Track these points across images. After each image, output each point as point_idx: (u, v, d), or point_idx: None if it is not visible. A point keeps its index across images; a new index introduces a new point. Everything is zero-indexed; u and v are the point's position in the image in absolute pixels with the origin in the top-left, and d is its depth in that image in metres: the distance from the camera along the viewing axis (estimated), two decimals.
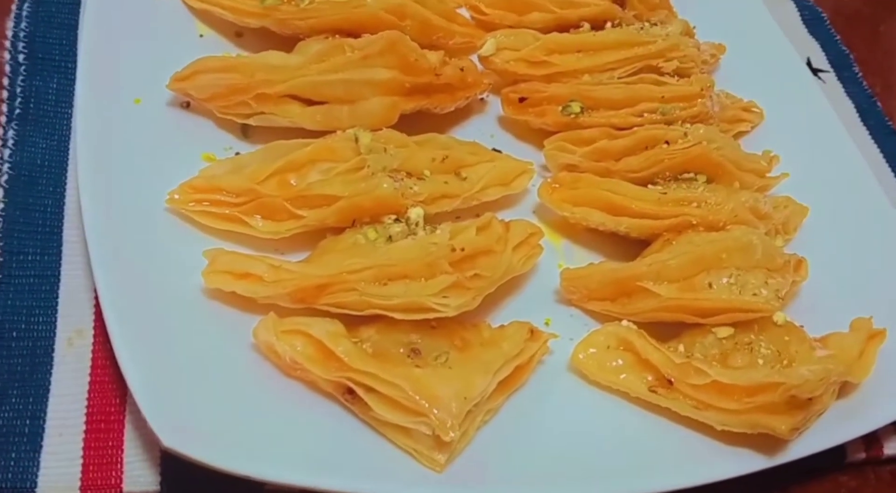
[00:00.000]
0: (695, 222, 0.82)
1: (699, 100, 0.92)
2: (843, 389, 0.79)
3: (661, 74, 0.94)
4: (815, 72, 1.21)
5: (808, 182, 0.97)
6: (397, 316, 0.71)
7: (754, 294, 0.77)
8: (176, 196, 0.78)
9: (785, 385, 0.70)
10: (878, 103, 1.19)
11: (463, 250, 0.73)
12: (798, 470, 0.77)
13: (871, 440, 0.83)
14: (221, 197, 0.78)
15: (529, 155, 0.94)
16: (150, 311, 0.72)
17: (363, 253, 0.73)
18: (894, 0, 1.42)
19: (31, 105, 0.87)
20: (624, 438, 0.76)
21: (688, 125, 0.90)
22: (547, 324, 0.83)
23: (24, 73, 0.89)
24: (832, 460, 0.81)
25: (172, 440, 0.62)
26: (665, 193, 0.84)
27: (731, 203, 0.82)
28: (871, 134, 1.15)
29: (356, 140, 0.79)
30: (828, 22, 1.29)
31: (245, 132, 0.88)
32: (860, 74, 1.22)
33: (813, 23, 1.28)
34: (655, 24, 0.99)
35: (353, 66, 0.82)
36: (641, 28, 0.97)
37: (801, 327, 0.80)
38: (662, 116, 0.91)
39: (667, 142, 0.87)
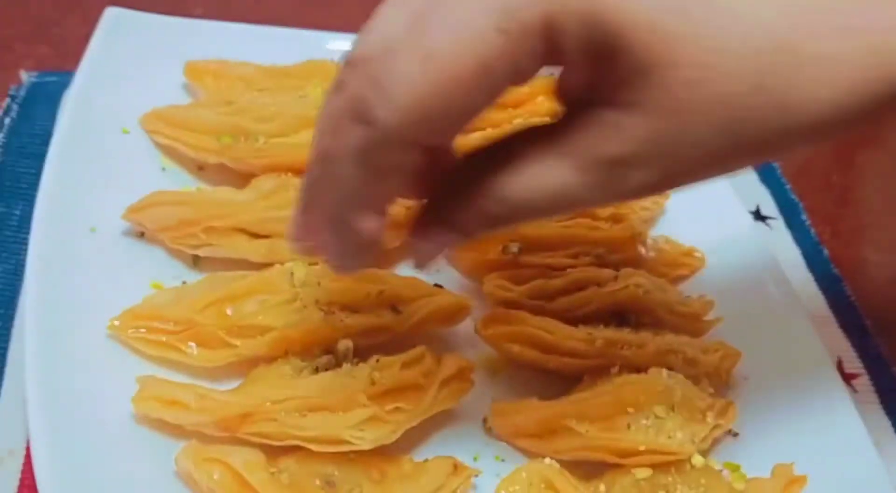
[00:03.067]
0: (618, 363, 0.84)
1: (632, 244, 0.96)
2: None
3: (596, 219, 0.98)
4: (764, 218, 1.25)
5: (746, 328, 1.00)
6: (314, 448, 0.73)
7: (669, 437, 0.78)
8: (116, 323, 0.81)
9: None
10: (825, 250, 1.23)
11: (384, 384, 0.75)
12: None
13: None
14: (160, 325, 0.81)
15: (472, 291, 0.97)
16: (79, 435, 0.73)
17: (287, 384, 0.76)
18: (847, 152, 1.48)
19: None
20: None
21: (622, 270, 0.93)
22: (475, 460, 0.84)
23: None
24: None
25: None
26: (591, 334, 0.86)
27: (653, 346, 0.85)
28: (816, 280, 1.18)
29: (292, 274, 0.82)
30: (779, 171, 1.35)
31: (195, 262, 0.92)
32: (808, 222, 1.27)
33: (764, 172, 1.33)
34: None
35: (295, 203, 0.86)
36: None
37: (723, 471, 0.82)
38: (596, 259, 0.94)
39: (598, 284, 0.91)
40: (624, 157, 0.55)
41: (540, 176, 0.57)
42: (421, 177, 0.62)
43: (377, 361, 0.79)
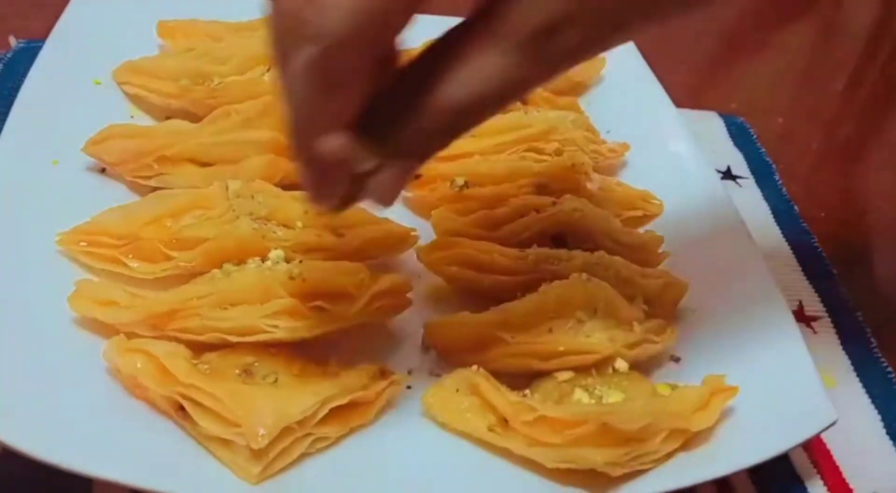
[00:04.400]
0: (548, 279, 0.86)
1: (574, 176, 0.97)
2: (692, 443, 0.80)
3: (542, 154, 1.00)
4: (734, 177, 1.26)
5: (698, 267, 1.00)
6: (232, 339, 0.75)
7: (587, 336, 0.79)
8: (64, 237, 0.85)
9: (598, 412, 0.71)
10: (796, 207, 1.22)
11: (304, 280, 0.78)
12: None
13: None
14: (105, 239, 0.85)
15: (424, 231, 1.00)
16: (16, 335, 0.77)
17: (213, 283, 0.79)
18: (832, 123, 1.48)
19: None
20: (461, 479, 0.77)
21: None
22: (409, 374, 0.86)
23: None
24: None
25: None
26: (524, 251, 0.88)
27: (581, 259, 0.86)
28: (784, 234, 1.18)
29: (227, 188, 0.86)
30: (755, 137, 1.35)
31: None
32: (780, 182, 1.27)
33: (739, 136, 1.34)
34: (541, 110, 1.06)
35: (237, 128, 0.91)
36: (525, 113, 1.04)
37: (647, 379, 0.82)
38: (538, 190, 0.96)
39: (537, 210, 0.93)
40: (552, 22, 0.56)
41: (478, 69, 0.58)
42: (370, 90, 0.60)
43: (300, 262, 0.81)
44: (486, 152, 1.02)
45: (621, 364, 0.80)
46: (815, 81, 1.64)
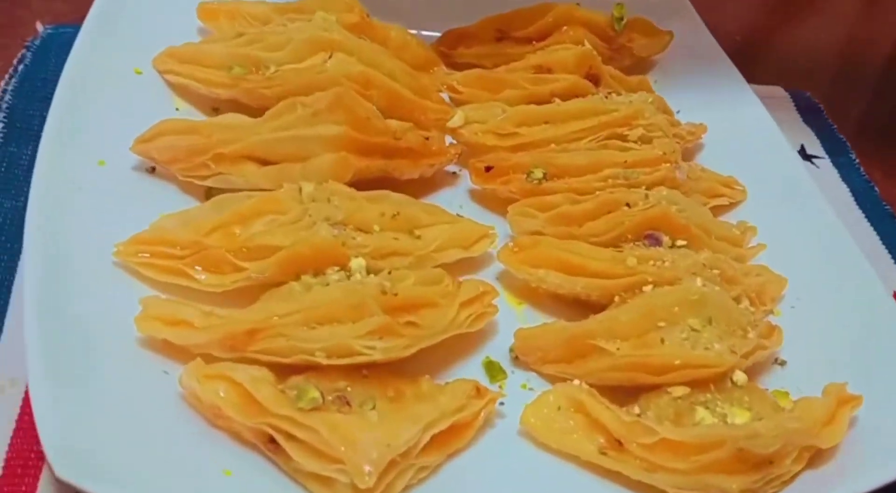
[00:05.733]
0: (651, 281, 0.79)
1: (663, 164, 0.90)
2: (818, 459, 0.74)
3: (626, 141, 0.93)
4: (809, 157, 1.19)
5: (791, 257, 0.94)
6: (324, 361, 0.68)
7: (706, 349, 0.72)
8: (122, 248, 0.78)
9: (733, 436, 0.65)
10: (876, 188, 1.16)
11: (396, 294, 0.71)
12: None
13: None
14: (167, 249, 0.78)
15: (499, 226, 0.93)
16: (78, 361, 0.69)
17: (295, 298, 0.72)
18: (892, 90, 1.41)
19: (3, 169, 0.90)
20: None
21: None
22: (501, 388, 0.79)
23: (1, 140, 0.92)
24: None
25: (65, 470, 0.59)
26: (621, 252, 0.81)
27: (688, 260, 0.79)
28: (867, 217, 1.12)
29: (301, 191, 0.78)
30: (825, 113, 1.28)
31: (208, 196, 0.88)
32: (857, 161, 1.20)
33: (809, 112, 1.27)
34: (621, 95, 0.99)
35: (303, 122, 0.83)
36: (606, 97, 0.97)
37: (767, 390, 0.75)
38: (626, 181, 0.89)
39: (628, 204, 0.86)
40: None
41: None
42: None
43: (389, 273, 0.74)
44: (563, 140, 0.95)
45: (739, 376, 0.74)
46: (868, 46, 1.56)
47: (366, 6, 1.02)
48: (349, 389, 0.69)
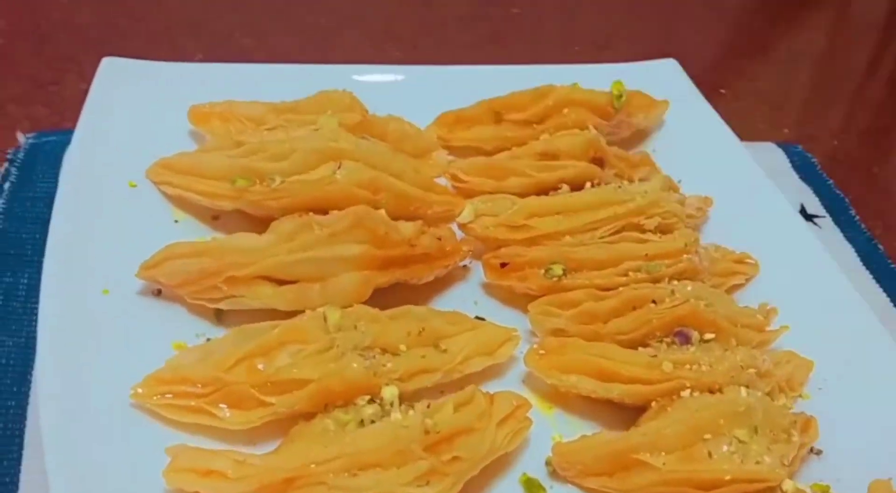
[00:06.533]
0: (689, 386, 0.77)
1: (684, 256, 0.89)
2: None
3: (644, 232, 0.92)
4: (810, 218, 1.19)
5: (811, 334, 0.93)
6: None
7: (757, 462, 0.71)
8: (140, 390, 0.74)
9: None
10: (880, 246, 1.16)
11: (438, 432, 0.68)
12: None
13: None
14: (187, 388, 0.74)
15: (517, 320, 0.91)
16: None
17: (332, 440, 0.69)
18: (885, 141, 1.42)
19: (0, 302, 0.86)
20: None
21: (675, 282, 0.87)
22: None
23: None
24: None
25: None
26: (655, 356, 0.79)
27: (726, 363, 0.78)
28: (875, 278, 1.11)
29: (325, 319, 0.75)
30: (819, 167, 1.28)
31: (218, 317, 0.85)
32: (857, 218, 1.20)
33: (804, 168, 1.27)
34: (634, 182, 0.97)
35: (322, 243, 0.80)
36: (619, 186, 0.96)
37: None
38: (648, 275, 0.88)
39: (654, 301, 0.84)
40: None
41: None
42: None
43: (428, 406, 0.71)
44: (577, 232, 0.93)
45: (789, 485, 0.72)
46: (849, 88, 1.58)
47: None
48: None
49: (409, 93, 1.12)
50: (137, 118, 1.00)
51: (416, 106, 1.09)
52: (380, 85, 1.13)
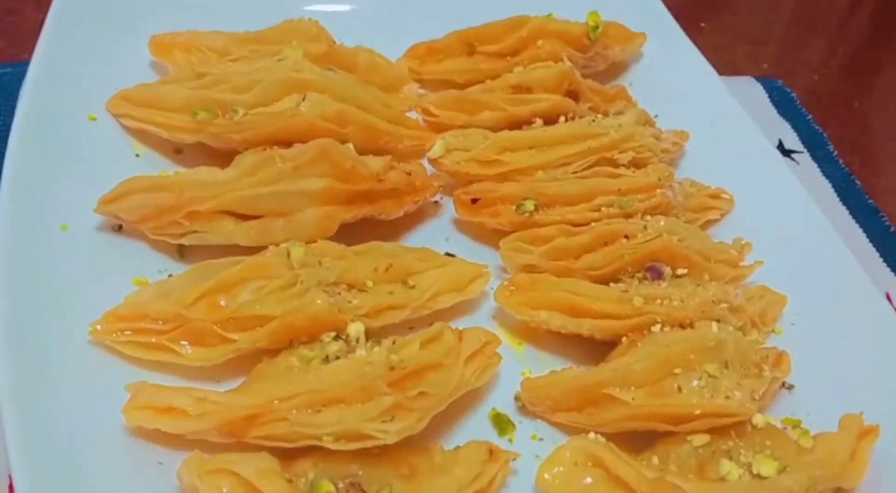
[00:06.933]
0: (660, 321, 0.76)
1: (658, 190, 0.87)
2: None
3: (617, 167, 0.90)
4: (788, 153, 1.17)
5: (786, 269, 0.92)
6: (332, 446, 0.64)
7: (727, 397, 0.70)
8: (99, 327, 0.72)
9: None
10: (857, 182, 1.15)
11: (404, 367, 0.67)
12: None
13: None
14: (147, 324, 0.72)
15: (487, 257, 0.89)
16: (65, 458, 0.65)
17: (296, 378, 0.67)
18: (867, 76, 1.39)
19: None
20: None
21: (648, 217, 0.85)
22: (511, 441, 0.76)
23: None
24: None
25: None
26: (626, 291, 0.78)
27: (698, 298, 0.77)
28: (851, 214, 1.10)
29: (288, 255, 0.73)
30: (798, 102, 1.26)
31: (181, 253, 0.83)
32: (836, 153, 1.18)
33: (782, 103, 1.25)
34: (609, 116, 0.95)
35: (285, 177, 0.78)
36: (594, 120, 0.93)
37: (786, 428, 0.73)
38: (621, 210, 0.86)
39: (626, 236, 0.82)
40: None
41: None
42: None
43: (394, 342, 0.70)
44: (550, 167, 0.91)
45: (759, 419, 0.72)
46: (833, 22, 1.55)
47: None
48: (361, 472, 0.65)
49: (378, 23, 1.09)
50: (96, 49, 0.96)
51: (385, 37, 1.05)
52: (347, 14, 1.09)
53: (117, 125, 0.92)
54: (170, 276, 0.79)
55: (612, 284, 0.82)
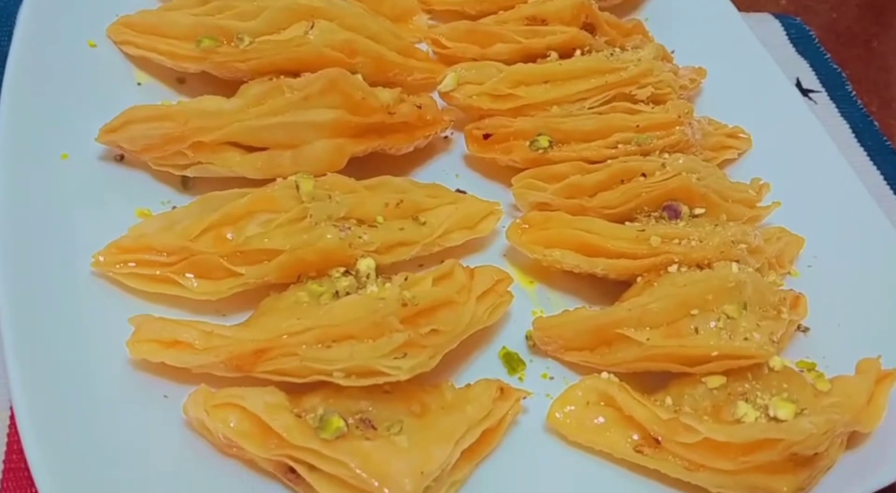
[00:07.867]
0: (677, 261, 0.74)
1: (677, 127, 0.85)
2: (853, 438, 0.71)
3: (635, 102, 0.87)
4: (806, 92, 1.14)
5: (803, 210, 0.90)
6: (343, 382, 0.63)
7: (745, 339, 0.69)
8: (101, 258, 0.70)
9: (785, 442, 0.61)
10: (875, 123, 1.12)
11: (417, 304, 0.65)
12: None
13: None
14: (152, 257, 0.70)
15: (499, 194, 0.87)
16: (66, 388, 0.64)
17: (305, 312, 0.66)
18: (886, 15, 1.36)
19: None
20: None
21: (666, 155, 0.83)
22: (521, 380, 0.75)
23: None
24: None
25: None
26: (643, 230, 0.76)
27: (717, 238, 0.75)
28: (868, 155, 1.08)
29: (297, 188, 0.71)
30: (817, 40, 1.23)
31: (185, 184, 0.81)
32: (854, 93, 1.15)
33: (801, 41, 1.22)
34: (627, 50, 0.92)
35: (294, 107, 0.75)
36: (612, 54, 0.90)
37: (802, 371, 0.72)
38: (638, 147, 0.84)
39: (643, 174, 0.80)
40: None
41: None
42: None
43: (406, 279, 0.68)
44: (566, 102, 0.88)
45: (776, 362, 0.70)
46: None
47: None
48: (371, 409, 0.64)
49: None
50: None
51: None
52: None
53: (118, 52, 0.89)
54: (174, 207, 0.77)
55: (627, 223, 0.80)
